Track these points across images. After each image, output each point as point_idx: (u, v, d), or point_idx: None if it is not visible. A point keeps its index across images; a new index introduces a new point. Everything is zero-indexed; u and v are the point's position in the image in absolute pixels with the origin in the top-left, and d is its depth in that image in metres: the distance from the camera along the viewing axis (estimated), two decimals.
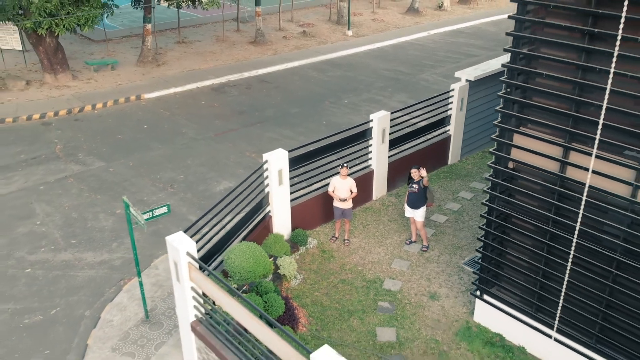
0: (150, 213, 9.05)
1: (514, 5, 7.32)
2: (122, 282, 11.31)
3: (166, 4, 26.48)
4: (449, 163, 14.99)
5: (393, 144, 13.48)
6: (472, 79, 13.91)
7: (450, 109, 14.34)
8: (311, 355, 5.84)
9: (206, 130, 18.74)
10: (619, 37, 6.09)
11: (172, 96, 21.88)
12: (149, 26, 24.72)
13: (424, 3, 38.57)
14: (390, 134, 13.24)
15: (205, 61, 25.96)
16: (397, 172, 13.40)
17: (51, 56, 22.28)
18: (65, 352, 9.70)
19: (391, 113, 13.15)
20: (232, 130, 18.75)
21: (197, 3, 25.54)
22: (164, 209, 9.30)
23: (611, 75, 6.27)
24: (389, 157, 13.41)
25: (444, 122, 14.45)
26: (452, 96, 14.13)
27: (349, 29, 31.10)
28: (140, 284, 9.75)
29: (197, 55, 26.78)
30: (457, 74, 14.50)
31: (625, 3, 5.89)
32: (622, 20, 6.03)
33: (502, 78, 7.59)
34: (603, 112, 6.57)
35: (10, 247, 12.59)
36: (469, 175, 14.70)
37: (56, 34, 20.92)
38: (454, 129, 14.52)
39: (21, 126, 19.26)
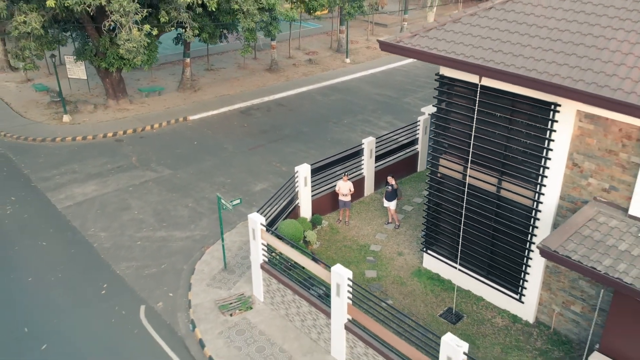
0: (230, 203, 15.31)
1: None
2: (203, 249, 17.59)
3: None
4: (418, 171, 21.36)
5: (379, 158, 19.78)
6: (433, 113, 20.20)
7: (418, 133, 20.70)
8: (332, 268, 12.13)
9: (241, 145, 25.03)
10: (475, 109, 12.44)
11: (211, 118, 28.19)
12: (187, 60, 31.04)
13: (411, 29, 44.83)
14: (376, 151, 19.53)
15: (232, 87, 32.27)
16: (381, 177, 19.68)
17: (115, 86, 28.58)
18: (176, 288, 15.98)
19: (376, 139, 19.44)
20: (260, 146, 25.04)
21: (223, 38, 31.55)
22: (238, 200, 15.56)
23: (473, 128, 12.63)
24: (375, 167, 19.72)
25: (414, 142, 20.81)
26: (419, 125, 20.50)
27: (347, 57, 37.44)
28: (223, 246, 16.07)
29: (224, 82, 33.09)
30: (422, 109, 20.88)
31: (478, 93, 12.23)
32: (477, 101, 12.37)
33: (431, 128, 13.95)
34: (471, 148, 12.92)
35: (121, 229, 18.85)
36: None
37: (122, 70, 27.23)
38: (421, 147, 20.89)
39: (100, 142, 25.51)
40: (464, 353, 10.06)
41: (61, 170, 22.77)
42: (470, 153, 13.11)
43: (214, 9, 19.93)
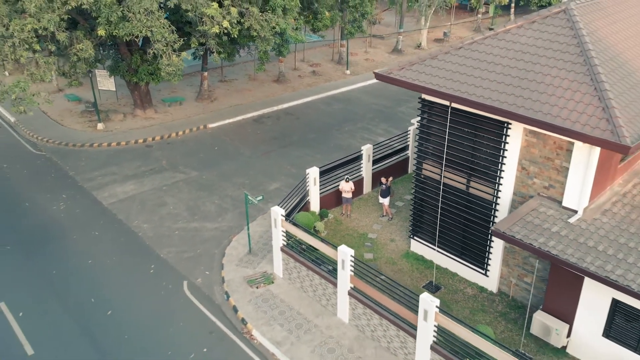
0: (255, 199, 19.01)
1: None
2: (230, 237, 21.30)
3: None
4: (408, 172, 25.11)
5: (375, 162, 23.50)
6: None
7: (409, 141, 24.45)
8: (338, 248, 15.85)
9: (256, 150, 28.74)
10: (448, 126, 16.19)
11: (228, 125, 31.90)
12: (205, 73, 34.74)
13: (406, 42, 48.65)
14: (373, 155, 23.24)
15: (244, 97, 35.98)
16: (378, 178, 23.36)
17: (143, 97, 32.29)
18: (211, 267, 19.68)
19: (373, 145, 23.17)
20: (272, 151, 28.75)
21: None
22: (261, 197, 19.27)
23: (446, 140, 16.37)
24: (373, 169, 23.43)
25: (405, 149, 24.56)
26: (409, 134, 24.25)
27: (347, 69, 41.17)
28: (248, 235, 19.80)
29: (237, 92, 36.80)
30: (412, 120, 24.59)
31: (449, 113, 15.98)
32: (449, 119, 16.11)
33: (416, 139, 17.68)
34: (445, 154, 16.66)
35: (160, 221, 22.54)
36: None
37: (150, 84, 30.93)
38: (411, 153, 24.64)
39: (132, 148, 29.21)
40: (436, 307, 13.79)
41: (102, 172, 26.46)
42: (445, 159, 16.87)
43: (235, 36, 23.62)
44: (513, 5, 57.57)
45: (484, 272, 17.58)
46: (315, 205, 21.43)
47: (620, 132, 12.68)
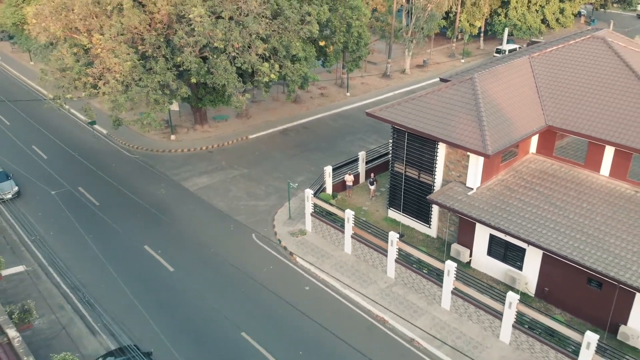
0: (294, 184, 31.80)
1: (450, 70, 30.21)
2: (276, 210, 34.11)
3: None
4: (388, 170, 37.98)
5: (368, 162, 36.34)
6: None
7: (389, 149, 37.35)
8: (345, 210, 28.72)
9: (284, 155, 41.53)
10: (406, 142, 29.05)
11: (262, 136, 44.68)
12: (244, 97, 47.48)
13: (394, 68, 61.41)
14: (366, 158, 36.08)
15: (271, 115, 48.75)
16: (369, 173, 36.13)
17: (202, 116, 45.06)
18: (267, 226, 32.55)
19: (367, 152, 36.07)
20: (296, 155, 41.53)
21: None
22: (297, 184, 32.10)
23: (406, 150, 29.26)
24: (366, 167, 36.26)
25: (387, 154, 37.44)
26: (389, 144, 37.19)
27: (347, 92, 53.97)
28: (289, 207, 32.66)
29: (266, 111, 49.58)
30: None
31: (407, 135, 28.85)
32: (407, 138, 28.97)
33: (389, 149, 30.58)
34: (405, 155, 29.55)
35: (230, 200, 35.31)
36: None
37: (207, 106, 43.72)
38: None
39: (198, 153, 41.96)
40: (397, 238, 26.64)
41: (182, 169, 39.22)
42: (405, 161, 29.78)
43: (276, 79, 36.45)
44: (482, 35, 70.46)
45: (428, 226, 30.45)
46: (329, 190, 34.26)
47: (486, 147, 25.55)
